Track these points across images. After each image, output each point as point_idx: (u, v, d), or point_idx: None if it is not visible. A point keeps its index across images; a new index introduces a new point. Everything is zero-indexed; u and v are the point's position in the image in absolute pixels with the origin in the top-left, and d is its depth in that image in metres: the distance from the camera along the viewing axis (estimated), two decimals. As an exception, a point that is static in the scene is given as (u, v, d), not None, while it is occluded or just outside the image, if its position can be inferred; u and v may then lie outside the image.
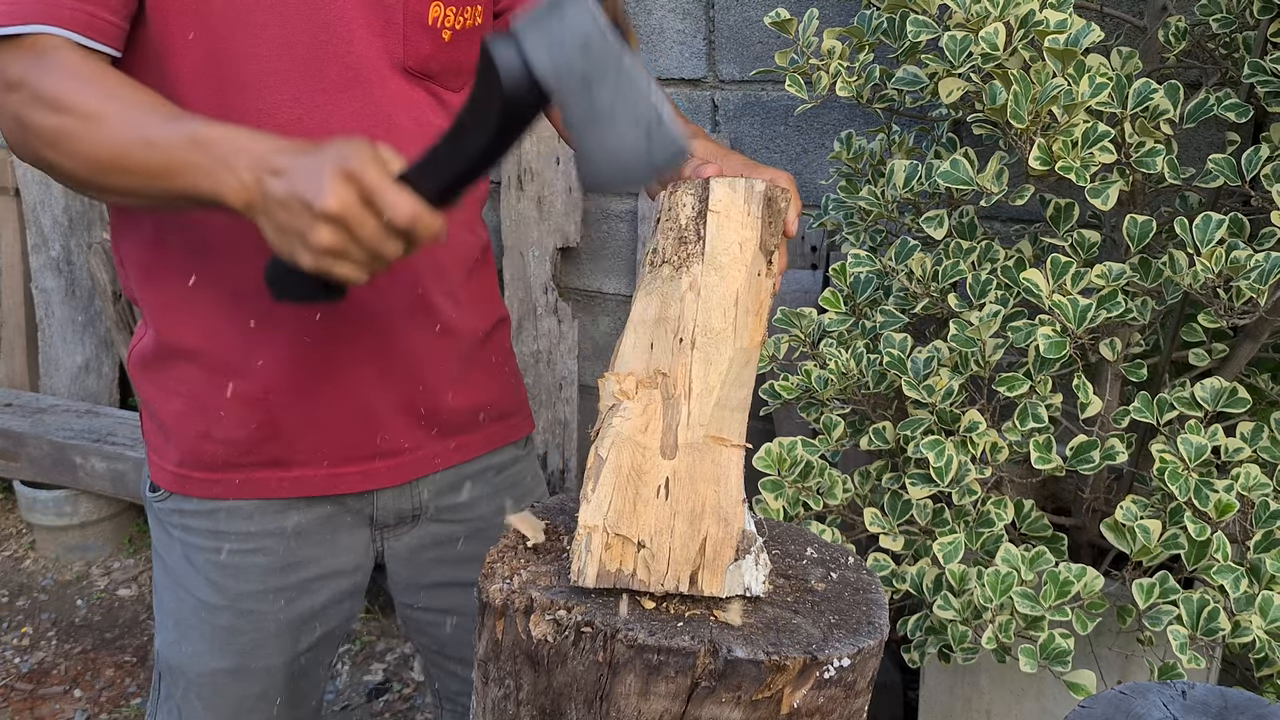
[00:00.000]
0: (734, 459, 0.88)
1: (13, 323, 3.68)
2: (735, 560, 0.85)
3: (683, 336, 0.89)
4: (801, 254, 2.42)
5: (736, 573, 0.85)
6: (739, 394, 0.90)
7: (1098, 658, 1.69)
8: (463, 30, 1.28)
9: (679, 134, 0.86)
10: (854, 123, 2.32)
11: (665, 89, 2.55)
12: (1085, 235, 1.61)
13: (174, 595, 1.38)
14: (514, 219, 2.81)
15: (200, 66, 1.17)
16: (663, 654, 0.78)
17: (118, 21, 1.12)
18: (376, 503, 1.38)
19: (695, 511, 0.86)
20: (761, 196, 0.91)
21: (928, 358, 1.60)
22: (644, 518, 0.86)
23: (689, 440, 0.87)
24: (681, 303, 0.89)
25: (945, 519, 1.62)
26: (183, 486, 1.33)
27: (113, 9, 1.11)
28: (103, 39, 1.11)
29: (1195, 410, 1.52)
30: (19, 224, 3.59)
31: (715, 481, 0.86)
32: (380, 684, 2.68)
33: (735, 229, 0.90)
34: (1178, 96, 1.49)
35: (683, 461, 0.87)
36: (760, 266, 0.91)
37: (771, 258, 0.92)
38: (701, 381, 0.88)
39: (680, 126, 0.88)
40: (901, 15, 1.64)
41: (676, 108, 1.28)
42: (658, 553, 0.85)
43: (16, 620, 2.96)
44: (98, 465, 3.07)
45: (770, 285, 0.93)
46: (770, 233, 0.91)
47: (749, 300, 0.90)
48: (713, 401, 0.87)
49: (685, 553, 0.85)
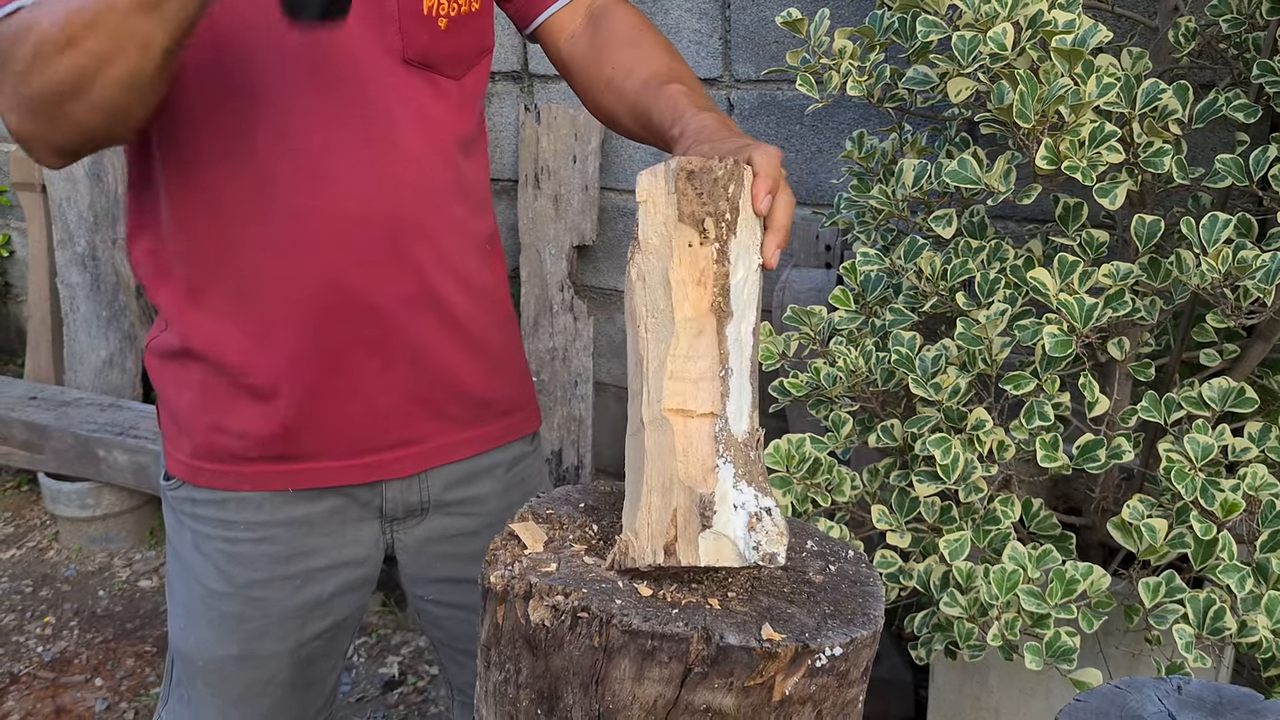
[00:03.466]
0: (703, 428, 0.91)
1: (39, 317, 3.74)
2: (704, 528, 0.87)
3: (639, 324, 0.92)
4: (815, 253, 2.43)
5: (716, 541, 0.87)
6: (698, 365, 0.91)
7: (1106, 657, 1.70)
8: (458, 17, 1.28)
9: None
10: (868, 122, 2.33)
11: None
12: (1094, 235, 1.61)
13: (184, 583, 1.40)
14: (530, 217, 2.83)
15: (199, 72, 1.19)
16: (656, 639, 0.80)
17: None
18: (385, 495, 1.39)
19: (665, 485, 0.89)
20: (676, 171, 0.93)
21: (935, 356, 1.60)
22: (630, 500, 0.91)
23: (651, 417, 0.90)
24: (633, 294, 0.93)
25: (953, 517, 1.63)
26: (195, 477, 1.35)
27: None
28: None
29: (1203, 410, 1.52)
30: (45, 220, 3.64)
31: (681, 453, 0.89)
32: (395, 677, 2.70)
33: (659, 210, 0.93)
34: (1186, 97, 1.49)
35: (650, 437, 0.90)
36: (690, 237, 0.93)
37: (704, 225, 0.93)
38: (655, 360, 0.91)
39: None
40: (913, 15, 1.65)
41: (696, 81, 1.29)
42: (640, 529, 0.88)
43: (40, 610, 3.01)
44: (120, 458, 3.12)
45: (710, 252, 0.94)
46: (701, 203, 0.93)
47: (684, 272, 0.92)
48: (665, 375, 0.90)
49: (660, 525, 0.88)
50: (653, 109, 1.24)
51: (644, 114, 1.26)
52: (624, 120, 1.32)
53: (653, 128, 1.25)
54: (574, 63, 1.38)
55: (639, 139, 1.32)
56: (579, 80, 1.39)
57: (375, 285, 1.26)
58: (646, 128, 1.27)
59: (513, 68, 2.81)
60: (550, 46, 1.41)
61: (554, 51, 1.41)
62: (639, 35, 1.35)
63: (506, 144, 2.88)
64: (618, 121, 1.34)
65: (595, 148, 2.72)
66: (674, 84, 1.25)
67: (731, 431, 0.91)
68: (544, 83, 2.80)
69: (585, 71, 1.36)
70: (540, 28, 1.41)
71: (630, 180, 2.76)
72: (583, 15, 1.39)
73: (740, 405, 0.92)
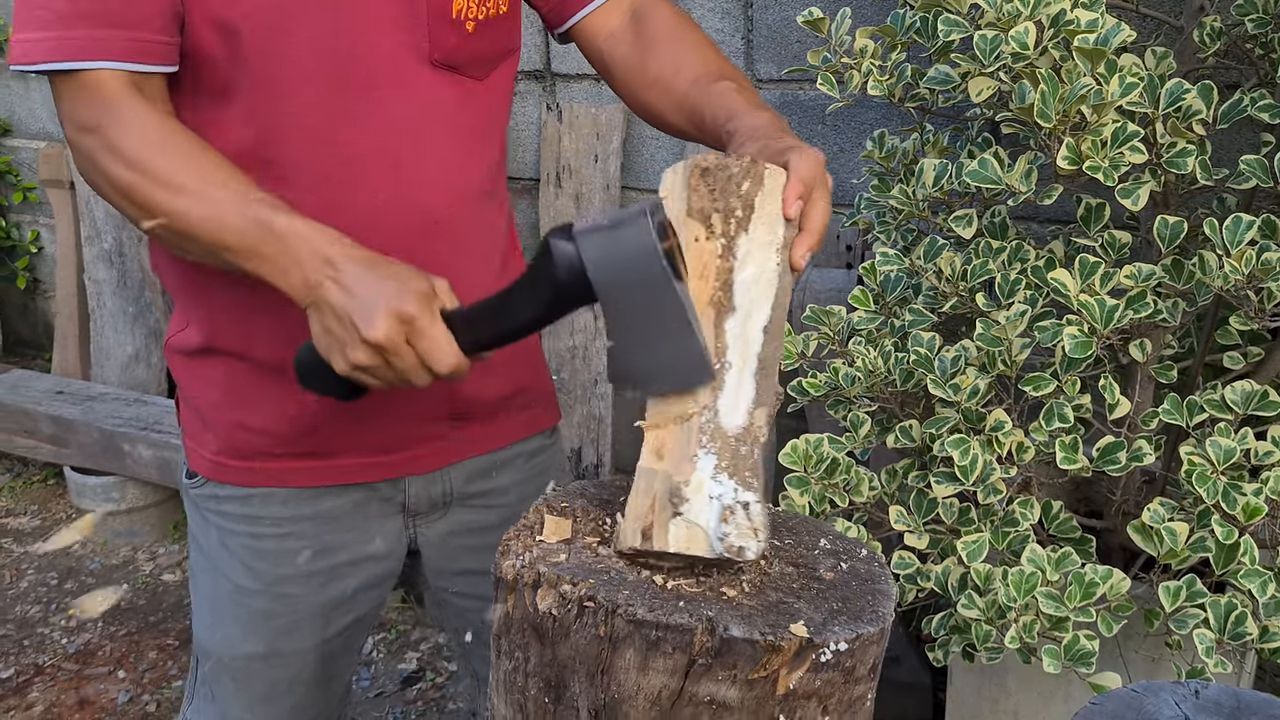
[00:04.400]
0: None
1: (66, 313, 3.78)
2: (675, 515, 0.88)
3: None
4: (836, 253, 2.43)
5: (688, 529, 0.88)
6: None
7: (1126, 661, 1.68)
8: (485, 20, 1.28)
9: (710, 364, 0.92)
10: (891, 122, 2.32)
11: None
12: (1116, 236, 1.60)
13: (210, 580, 1.42)
14: (552, 215, 2.84)
15: (229, 71, 1.20)
16: (661, 630, 0.80)
17: (167, 39, 1.16)
18: (408, 489, 1.40)
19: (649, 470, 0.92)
20: (690, 168, 0.94)
21: (955, 357, 1.59)
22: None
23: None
24: None
25: (971, 518, 1.62)
26: (219, 474, 1.36)
27: (161, 28, 1.15)
28: (155, 60, 1.15)
29: (1225, 413, 1.51)
30: (74, 216, 3.69)
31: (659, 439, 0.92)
32: (414, 672, 2.72)
33: (673, 205, 0.95)
34: (1211, 97, 1.47)
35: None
36: (696, 231, 0.94)
37: (710, 220, 0.94)
38: None
39: (711, 360, 0.93)
40: (934, 14, 1.64)
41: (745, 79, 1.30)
42: (628, 512, 0.90)
43: (65, 602, 3.04)
44: (145, 453, 3.14)
45: (715, 248, 0.95)
46: (712, 199, 0.94)
47: (689, 264, 0.94)
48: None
49: (641, 509, 0.90)
50: (705, 108, 1.24)
51: (695, 112, 1.26)
52: (672, 118, 1.31)
53: (705, 126, 1.24)
54: (616, 62, 1.37)
55: (689, 137, 1.32)
56: (622, 79, 1.37)
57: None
58: (699, 126, 1.26)
59: (535, 67, 2.82)
60: (588, 45, 1.40)
61: (593, 50, 1.40)
62: (684, 32, 1.34)
63: (528, 143, 2.89)
64: (665, 119, 1.33)
65: (617, 147, 2.73)
66: (725, 81, 1.25)
67: (721, 424, 0.91)
68: (566, 82, 2.81)
69: (630, 70, 1.35)
70: (576, 27, 1.39)
71: (651, 180, 2.76)
72: (621, 14, 1.38)
73: (737, 400, 0.92)
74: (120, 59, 1.12)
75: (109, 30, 1.12)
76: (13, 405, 3.38)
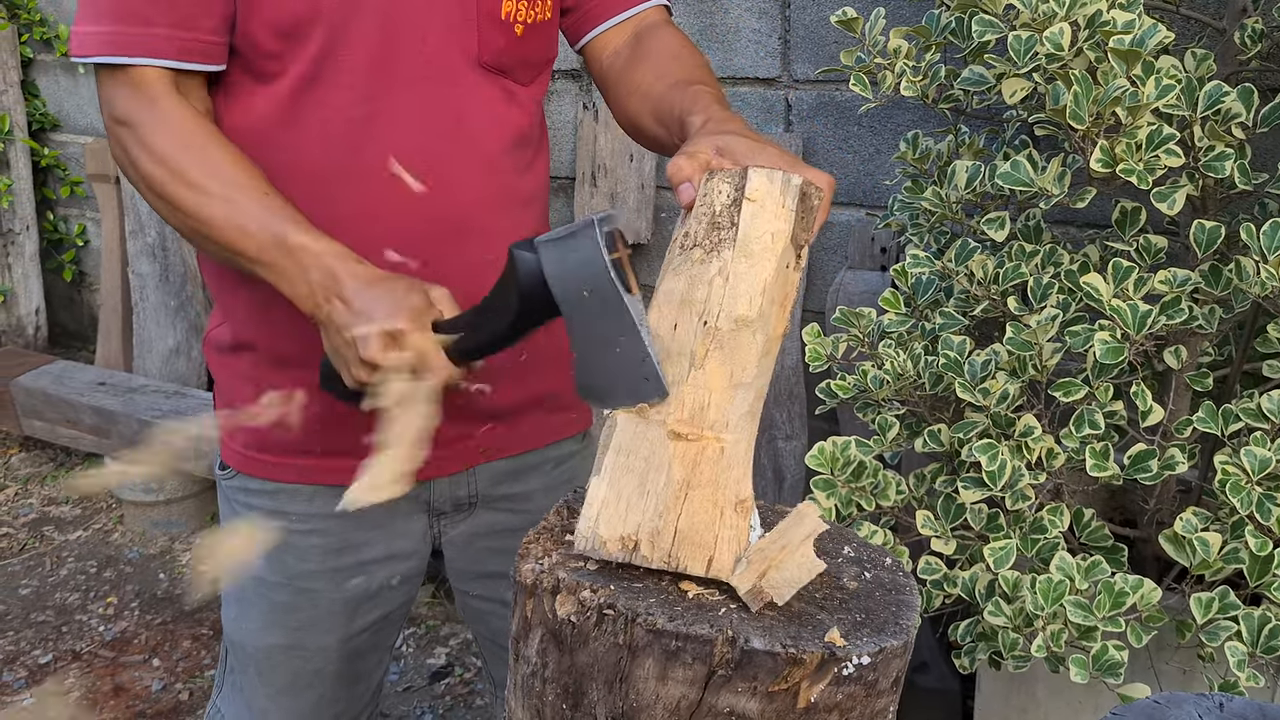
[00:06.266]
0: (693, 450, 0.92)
1: (110, 305, 3.84)
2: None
3: (707, 320, 0.90)
4: (870, 255, 2.41)
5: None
6: (760, 382, 0.91)
7: (1158, 672, 1.66)
8: (533, 24, 1.29)
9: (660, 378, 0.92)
10: (927, 124, 2.30)
11: (738, 88, 2.56)
12: (1151, 240, 1.58)
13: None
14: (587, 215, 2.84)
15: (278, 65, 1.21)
16: (681, 640, 0.79)
17: (217, 39, 1.18)
18: (433, 489, 1.40)
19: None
20: (797, 190, 0.91)
21: (985, 361, 1.58)
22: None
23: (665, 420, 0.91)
24: (710, 287, 0.90)
25: (1000, 524, 1.60)
26: (248, 466, 1.38)
27: (211, 28, 1.17)
28: (202, 59, 1.18)
29: (1262, 422, 1.48)
30: (119, 210, 3.74)
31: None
32: (442, 667, 2.73)
33: (769, 219, 0.91)
34: (1251, 100, 1.45)
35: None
36: (790, 259, 0.92)
37: (801, 253, 0.93)
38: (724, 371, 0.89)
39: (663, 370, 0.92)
40: (969, 14, 1.63)
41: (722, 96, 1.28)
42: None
43: (103, 590, 3.09)
44: (183, 445, 3.18)
45: (797, 279, 0.94)
46: (802, 227, 0.92)
47: (776, 291, 0.91)
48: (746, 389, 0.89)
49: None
50: (675, 104, 1.23)
51: (665, 110, 1.25)
52: (645, 121, 1.31)
53: (669, 120, 1.24)
54: (610, 74, 1.38)
55: (653, 140, 1.31)
56: (612, 90, 1.38)
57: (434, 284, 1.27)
58: (663, 122, 1.26)
59: (571, 66, 2.82)
60: (594, 62, 1.41)
61: (595, 65, 1.41)
62: (678, 49, 1.34)
63: (564, 141, 2.89)
64: (642, 127, 1.32)
65: (652, 146, 2.72)
66: (700, 85, 1.25)
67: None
68: (602, 81, 2.81)
69: (619, 82, 1.36)
70: (588, 44, 1.40)
71: (686, 179, 2.74)
72: (626, 35, 1.39)
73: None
74: (165, 56, 1.15)
75: (161, 29, 1.14)
76: (57, 396, 3.44)
